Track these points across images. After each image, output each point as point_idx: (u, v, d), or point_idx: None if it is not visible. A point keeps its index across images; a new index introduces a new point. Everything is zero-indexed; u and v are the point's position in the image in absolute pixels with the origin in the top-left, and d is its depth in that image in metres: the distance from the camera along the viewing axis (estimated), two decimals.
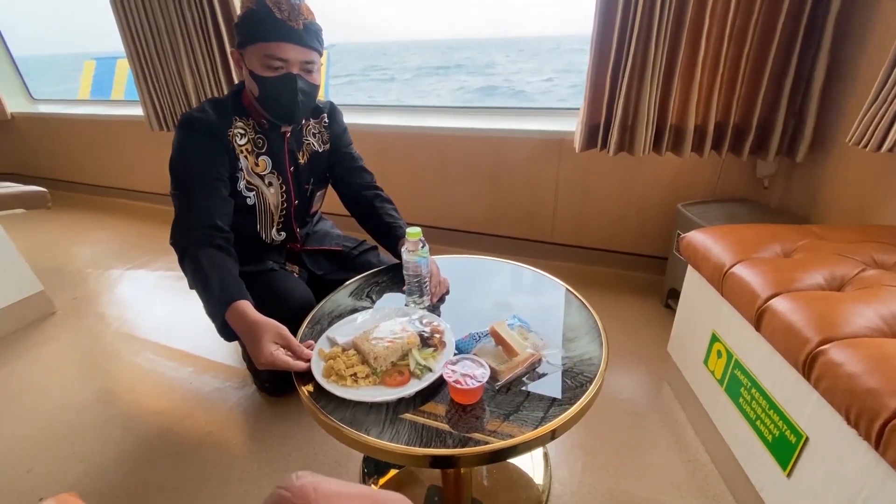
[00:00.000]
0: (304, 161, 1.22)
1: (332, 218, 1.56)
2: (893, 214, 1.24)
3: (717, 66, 1.47)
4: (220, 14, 2.05)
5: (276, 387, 1.42)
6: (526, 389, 0.78)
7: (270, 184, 1.17)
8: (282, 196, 1.21)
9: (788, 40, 1.39)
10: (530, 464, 1.17)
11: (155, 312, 1.94)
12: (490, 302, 1.06)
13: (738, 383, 1.02)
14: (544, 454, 1.19)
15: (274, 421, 1.34)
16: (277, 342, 0.84)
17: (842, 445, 0.74)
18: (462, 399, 0.75)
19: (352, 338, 0.86)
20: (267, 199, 1.18)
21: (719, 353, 1.10)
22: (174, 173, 1.05)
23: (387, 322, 0.88)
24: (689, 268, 1.24)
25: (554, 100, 19.61)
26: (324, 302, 1.07)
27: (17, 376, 1.59)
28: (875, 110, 1.09)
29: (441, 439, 0.69)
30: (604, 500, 1.08)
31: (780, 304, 0.87)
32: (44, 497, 1.15)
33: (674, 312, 1.39)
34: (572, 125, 1.83)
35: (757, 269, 0.98)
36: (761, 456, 0.94)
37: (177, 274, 2.18)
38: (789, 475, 0.86)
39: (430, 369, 0.80)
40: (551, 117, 2.08)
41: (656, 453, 1.19)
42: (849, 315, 0.80)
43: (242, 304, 0.89)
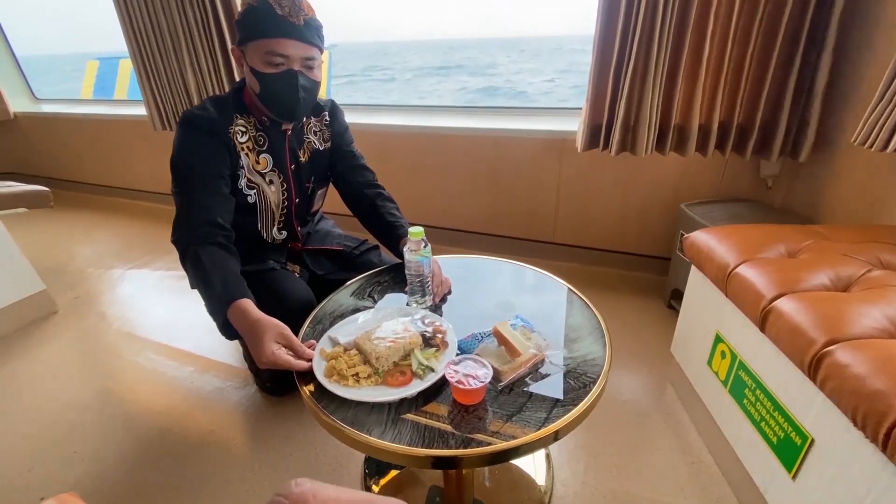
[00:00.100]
0: (305, 159, 1.22)
1: (333, 217, 1.55)
2: None
3: (720, 66, 1.46)
4: (221, 12, 2.05)
5: (278, 386, 1.41)
6: (529, 390, 0.77)
7: (271, 182, 1.17)
8: (283, 194, 1.20)
9: (792, 40, 1.38)
10: (532, 464, 1.16)
11: (156, 312, 1.94)
12: (492, 302, 1.05)
13: (742, 384, 1.02)
14: (546, 455, 1.18)
15: (275, 421, 1.34)
16: (279, 341, 0.84)
17: (848, 447, 0.73)
18: (464, 399, 0.74)
19: (354, 337, 0.85)
20: (268, 198, 1.18)
21: (723, 354, 1.10)
22: (175, 171, 1.05)
23: (389, 322, 0.88)
24: (693, 268, 1.23)
25: (555, 101, 19.60)
26: (325, 302, 1.07)
27: (19, 376, 1.59)
28: (881, 110, 1.08)
29: (443, 440, 0.69)
30: (606, 502, 1.07)
31: (786, 305, 0.86)
32: (44, 497, 1.14)
33: (677, 313, 1.38)
34: (574, 125, 1.83)
35: (761, 269, 0.97)
36: (766, 458, 0.94)
37: (178, 274, 2.18)
38: (794, 477, 0.85)
39: (432, 369, 0.79)
40: (553, 117, 2.08)
41: (659, 454, 1.19)
42: (855, 316, 0.79)
43: (244, 303, 0.89)
